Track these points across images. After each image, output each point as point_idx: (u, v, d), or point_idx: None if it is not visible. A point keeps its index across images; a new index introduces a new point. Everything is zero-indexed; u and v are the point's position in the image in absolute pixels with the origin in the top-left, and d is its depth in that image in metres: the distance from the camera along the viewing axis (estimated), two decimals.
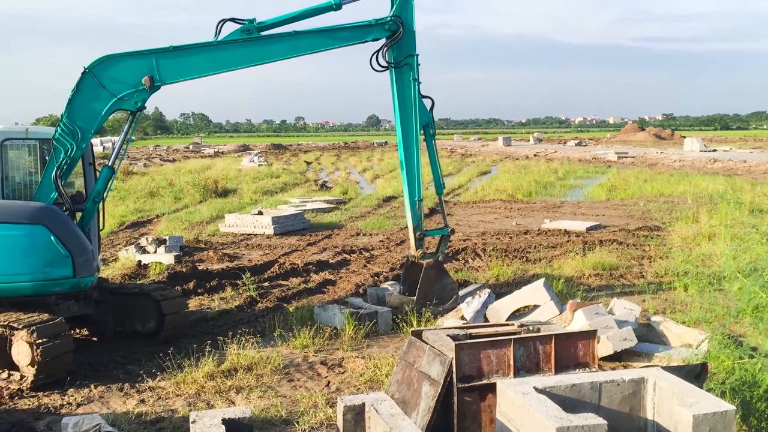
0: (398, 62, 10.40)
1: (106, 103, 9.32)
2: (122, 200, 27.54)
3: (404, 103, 10.64)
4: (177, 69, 9.63)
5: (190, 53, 9.69)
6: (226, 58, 9.90)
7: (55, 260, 8.74)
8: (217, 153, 72.86)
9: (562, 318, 9.28)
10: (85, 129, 9.28)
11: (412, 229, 11.00)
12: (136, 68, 9.40)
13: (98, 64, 9.28)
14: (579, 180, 36.22)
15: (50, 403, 7.81)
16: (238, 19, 9.82)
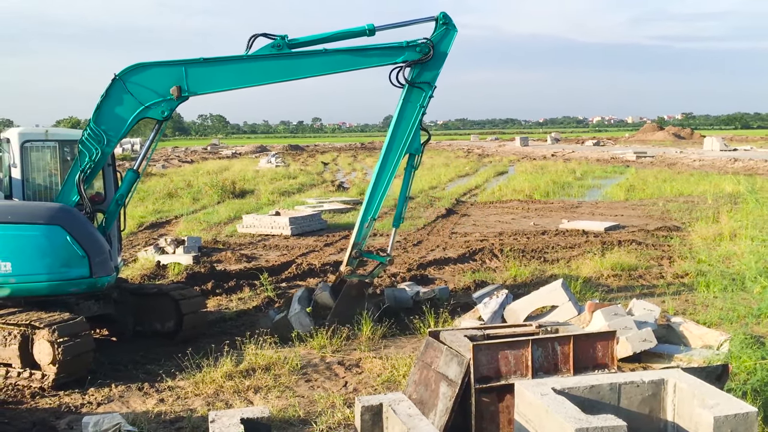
0: (415, 82, 10.17)
1: (133, 110, 9.40)
2: (141, 201, 27.75)
3: (403, 124, 10.41)
4: (207, 80, 9.63)
5: (220, 65, 9.68)
6: (257, 72, 9.84)
7: (71, 260, 8.85)
8: (235, 154, 73.22)
9: (580, 319, 9.22)
10: (112, 135, 9.40)
11: (351, 245, 10.63)
12: (166, 77, 9.42)
13: (128, 72, 9.35)
14: (597, 180, 35.98)
15: (71, 402, 7.89)
16: (270, 34, 9.81)
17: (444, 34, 10.19)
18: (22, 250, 8.70)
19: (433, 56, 10.08)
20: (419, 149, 10.69)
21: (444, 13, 10.17)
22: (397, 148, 10.47)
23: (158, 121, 9.72)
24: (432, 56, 10.07)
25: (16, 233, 8.71)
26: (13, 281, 8.66)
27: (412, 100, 10.30)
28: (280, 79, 9.98)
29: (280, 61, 9.82)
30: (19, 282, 8.70)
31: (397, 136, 10.44)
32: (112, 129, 9.38)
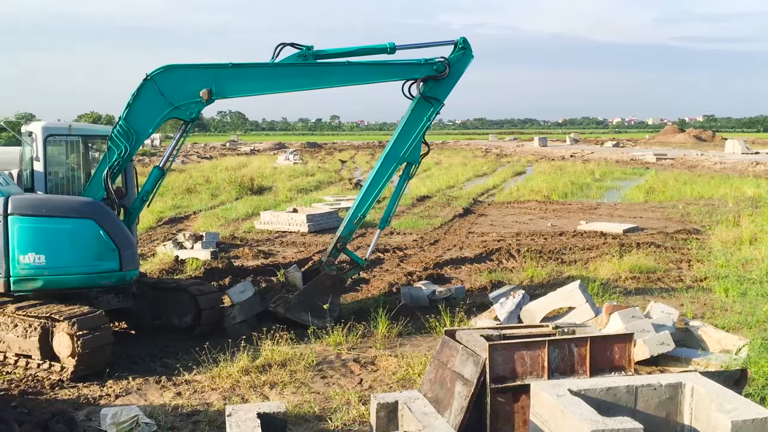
0: (427, 96, 10.60)
1: (163, 110, 9.64)
2: (161, 196, 27.92)
3: (408, 134, 10.81)
4: (235, 85, 9.96)
5: (248, 71, 10.02)
6: (283, 80, 10.26)
7: (103, 254, 9.03)
8: (253, 151, 73.57)
9: (597, 321, 9.18)
10: (140, 132, 9.63)
11: (337, 238, 10.95)
12: (196, 80, 9.71)
13: (160, 73, 9.57)
14: (616, 181, 35.74)
15: (89, 394, 7.99)
16: (296, 44, 10.21)
17: (461, 57, 10.73)
18: (55, 243, 8.84)
19: (448, 75, 10.59)
20: (418, 160, 11.07)
21: (464, 38, 10.71)
22: (396, 155, 10.89)
23: (185, 122, 9.95)
24: (447, 75, 10.57)
25: (51, 226, 8.86)
26: (46, 274, 8.79)
27: (420, 113, 10.71)
28: (305, 88, 10.47)
29: (305, 70, 10.25)
30: (52, 274, 8.83)
31: (399, 145, 10.86)
32: (141, 127, 9.62)
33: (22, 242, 8.66)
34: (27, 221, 8.71)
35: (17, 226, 8.66)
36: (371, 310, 10.76)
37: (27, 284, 8.76)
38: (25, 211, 8.73)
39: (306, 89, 10.49)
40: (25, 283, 8.75)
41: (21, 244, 8.65)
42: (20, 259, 8.64)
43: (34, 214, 8.79)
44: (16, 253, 8.63)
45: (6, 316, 8.76)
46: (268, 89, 10.25)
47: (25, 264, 8.67)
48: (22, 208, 8.73)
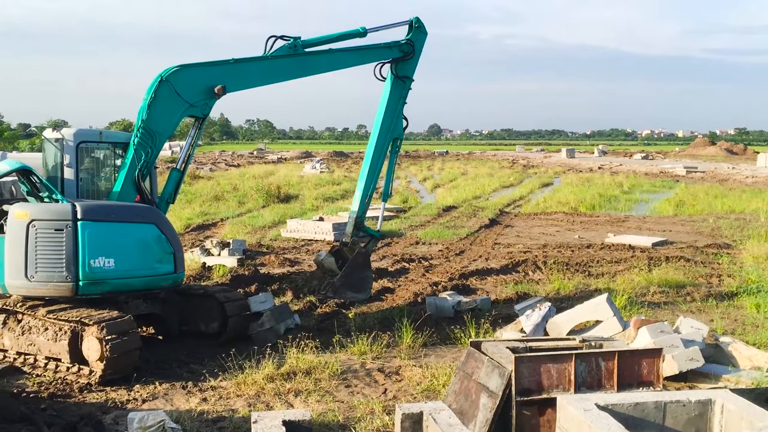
0: (398, 75, 11.83)
1: (180, 109, 9.93)
2: (188, 203, 28.28)
3: (389, 113, 11.96)
4: (239, 79, 10.46)
5: (249, 65, 10.55)
6: (279, 70, 10.89)
7: (162, 257, 9.43)
8: (280, 159, 74.06)
9: (625, 335, 9.07)
10: (161, 133, 9.89)
11: (354, 218, 12.06)
12: (206, 77, 10.09)
13: (173, 73, 9.81)
14: (645, 194, 35.33)
15: (117, 397, 8.08)
16: (285, 36, 10.79)
17: (419, 36, 11.94)
18: (123, 248, 9.11)
19: (413, 54, 11.84)
20: (402, 134, 12.32)
21: (417, 17, 11.91)
22: (384, 133, 12.00)
23: (199, 119, 10.30)
24: (413, 54, 11.82)
25: (119, 231, 9.14)
26: (114, 277, 9.03)
27: (396, 91, 11.93)
28: (297, 76, 11.22)
29: (297, 60, 10.98)
30: (119, 278, 9.08)
31: (386, 123, 11.96)
32: (161, 128, 9.89)
33: (92, 247, 8.83)
34: (97, 226, 8.92)
35: (87, 232, 8.82)
36: (396, 320, 10.75)
37: (95, 288, 8.94)
38: (95, 217, 8.95)
39: (299, 77, 11.19)
40: (93, 287, 8.92)
41: (91, 248, 8.82)
42: (90, 264, 8.81)
43: (104, 219, 9.04)
44: (86, 258, 8.80)
45: (37, 319, 8.92)
46: (266, 80, 10.88)
47: (95, 268, 8.85)
48: (92, 213, 8.95)
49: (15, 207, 9.06)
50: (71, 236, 8.75)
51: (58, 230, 8.75)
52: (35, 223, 8.79)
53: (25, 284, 8.84)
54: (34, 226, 8.78)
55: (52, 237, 8.76)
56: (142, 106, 9.74)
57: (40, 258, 8.75)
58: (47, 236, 8.76)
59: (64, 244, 8.73)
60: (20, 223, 8.83)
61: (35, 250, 8.75)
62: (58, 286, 8.78)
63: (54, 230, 8.76)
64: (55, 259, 8.74)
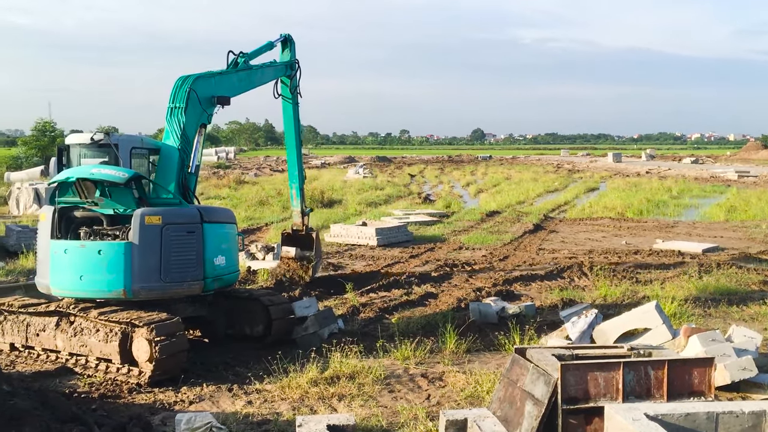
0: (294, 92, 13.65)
1: (200, 116, 10.52)
2: (234, 208, 28.58)
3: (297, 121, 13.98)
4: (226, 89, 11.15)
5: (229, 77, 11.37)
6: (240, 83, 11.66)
7: (237, 254, 10.42)
8: (324, 164, 74.59)
9: (674, 343, 8.87)
10: (192, 139, 10.38)
11: (300, 212, 14.41)
12: (212, 87, 10.77)
13: (195, 81, 10.40)
14: (695, 199, 34.52)
15: (165, 399, 8.22)
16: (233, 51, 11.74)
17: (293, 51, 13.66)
18: (228, 247, 9.98)
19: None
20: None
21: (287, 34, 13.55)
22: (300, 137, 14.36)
23: (205, 126, 10.78)
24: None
25: (224, 232, 10.01)
26: (226, 273, 9.91)
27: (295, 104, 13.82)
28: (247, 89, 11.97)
29: (246, 74, 11.91)
30: (227, 273, 9.97)
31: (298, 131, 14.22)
32: (192, 134, 10.36)
33: (213, 247, 9.60)
34: (216, 228, 9.77)
35: (211, 233, 9.58)
36: (439, 325, 10.72)
37: (214, 284, 9.74)
38: (212, 219, 9.76)
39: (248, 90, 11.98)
40: (214, 283, 9.74)
41: (212, 248, 9.58)
42: (213, 262, 9.59)
43: (216, 221, 9.87)
44: (211, 257, 9.55)
45: (89, 321, 9.14)
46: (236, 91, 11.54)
47: (216, 265, 9.65)
48: (210, 215, 9.80)
49: (144, 212, 9.11)
50: (200, 237, 9.43)
51: (190, 233, 9.39)
52: (169, 227, 9.18)
53: (160, 286, 9.17)
54: (168, 230, 9.16)
55: (184, 239, 9.32)
56: (174, 113, 10.14)
57: (174, 259, 9.20)
58: (180, 238, 9.28)
59: (195, 245, 9.36)
60: (153, 228, 9.10)
61: (170, 252, 9.17)
62: (191, 285, 9.41)
63: (186, 233, 9.36)
64: (188, 260, 9.34)
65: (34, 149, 52.96)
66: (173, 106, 10.18)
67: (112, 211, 9.49)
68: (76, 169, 9.70)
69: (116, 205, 9.42)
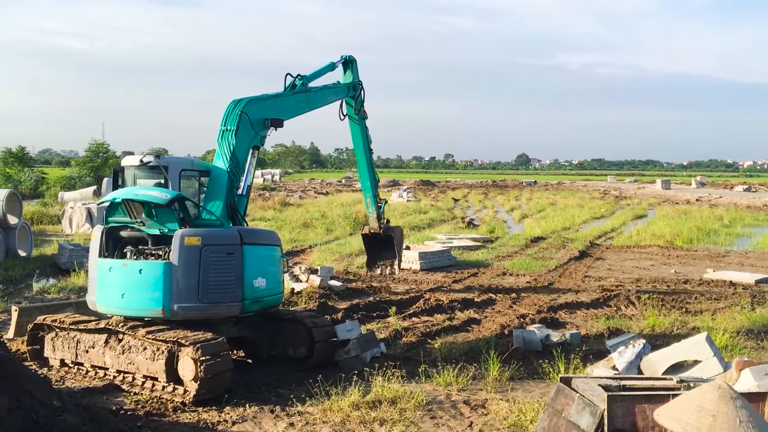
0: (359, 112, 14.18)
1: (252, 139, 10.68)
2: (278, 230, 28.96)
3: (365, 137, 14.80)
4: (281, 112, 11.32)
5: (283, 100, 11.56)
6: (296, 105, 11.90)
7: (281, 277, 10.48)
8: None
9: (726, 376, 8.59)
10: (243, 161, 10.52)
11: (375, 218, 15.74)
12: (265, 110, 10.92)
13: (247, 105, 10.56)
14: (747, 228, 33.60)
15: (208, 418, 8.31)
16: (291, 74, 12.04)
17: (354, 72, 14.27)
18: (269, 269, 10.06)
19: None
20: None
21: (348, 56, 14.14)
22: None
23: (256, 148, 10.88)
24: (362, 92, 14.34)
25: (266, 254, 10.10)
26: (267, 295, 9.96)
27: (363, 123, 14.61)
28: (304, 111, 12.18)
29: (304, 96, 12.15)
30: (268, 295, 10.03)
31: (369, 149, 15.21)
32: (243, 157, 10.50)
33: (253, 268, 9.67)
34: (254, 250, 9.81)
35: (251, 255, 9.68)
36: (482, 352, 10.62)
37: (253, 306, 9.78)
38: (252, 241, 9.84)
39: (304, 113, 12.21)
40: (253, 305, 9.79)
41: (252, 270, 9.66)
42: (252, 284, 9.65)
43: (257, 243, 9.94)
44: (250, 278, 9.61)
45: (137, 339, 9.32)
46: (291, 114, 11.69)
47: (256, 287, 9.71)
48: (250, 237, 9.85)
49: (183, 233, 9.31)
50: (239, 259, 9.50)
51: (229, 254, 9.47)
52: (209, 248, 9.33)
53: (197, 306, 9.30)
54: (207, 251, 9.31)
55: (223, 260, 9.41)
56: (225, 135, 10.30)
57: (212, 280, 9.32)
58: (219, 260, 9.39)
59: (234, 266, 9.44)
60: (193, 248, 9.26)
61: (208, 273, 9.29)
62: (229, 306, 9.48)
63: (225, 254, 9.45)
64: (227, 281, 9.42)
65: (87, 170, 54.61)
66: (225, 128, 10.38)
67: (158, 231, 9.71)
68: (124, 190, 10.02)
69: (161, 225, 9.65)
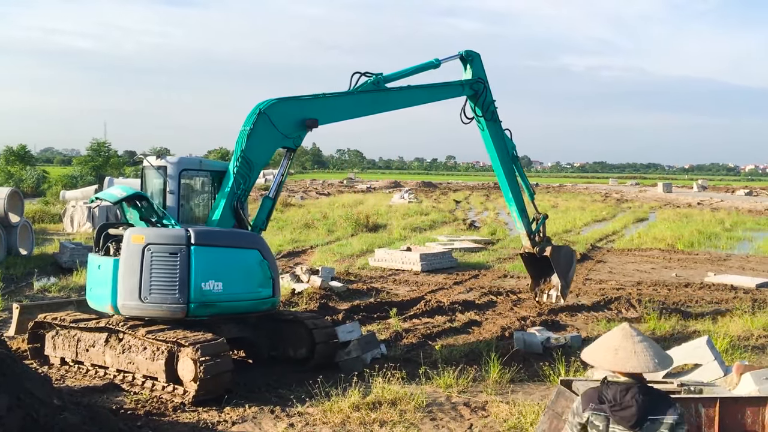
0: (485, 112, 12.69)
1: (275, 140, 10.35)
2: (280, 230, 29.00)
3: (498, 140, 13.02)
4: (329, 113, 10.92)
5: (337, 101, 11.01)
6: (363, 105, 11.39)
7: (263, 281, 9.79)
8: (369, 188, 74.99)
9: (726, 381, 8.57)
10: (258, 163, 10.28)
11: (526, 234, 13.55)
12: (300, 111, 10.53)
13: (271, 106, 10.26)
14: (749, 232, 33.53)
15: (208, 418, 8.30)
16: (368, 72, 11.30)
17: (475, 66, 12.75)
18: (230, 272, 9.52)
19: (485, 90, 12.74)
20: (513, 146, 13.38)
21: (466, 51, 12.64)
22: (504, 159, 13.30)
23: (290, 150, 10.67)
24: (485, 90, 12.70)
25: (227, 256, 9.58)
26: (222, 300, 9.43)
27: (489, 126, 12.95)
28: (379, 111, 11.75)
29: (378, 96, 11.48)
30: (226, 300, 9.47)
31: (499, 152, 13.24)
32: (258, 158, 10.27)
33: (203, 270, 9.26)
34: (207, 251, 9.36)
35: (199, 256, 9.27)
36: (483, 354, 10.61)
37: (204, 310, 9.36)
38: (206, 242, 9.39)
39: (380, 112, 11.76)
40: (202, 309, 9.34)
41: (202, 272, 9.25)
42: (201, 287, 9.24)
43: (213, 244, 9.46)
44: (198, 281, 9.23)
45: (137, 338, 9.32)
46: (352, 115, 11.33)
47: (206, 291, 9.27)
48: (203, 238, 9.40)
49: (131, 231, 9.48)
50: (185, 260, 9.17)
51: (172, 254, 9.20)
52: (151, 247, 9.25)
53: (138, 305, 9.28)
54: (149, 250, 9.24)
55: (166, 260, 9.20)
56: (240, 135, 10.15)
57: (154, 280, 9.19)
58: (162, 259, 9.21)
59: (178, 267, 9.15)
60: (136, 247, 9.29)
61: (150, 272, 9.20)
62: (171, 307, 9.21)
63: (169, 254, 9.21)
64: (169, 282, 9.17)
65: (88, 168, 54.67)
66: (243, 129, 10.21)
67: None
68: (106, 190, 10.32)
69: (136, 223, 9.86)
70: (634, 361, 4.01)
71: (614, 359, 4.07)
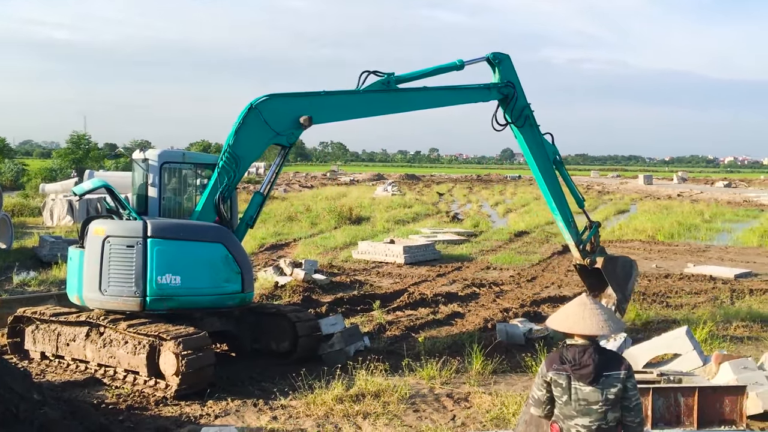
0: (518, 118, 11.35)
1: (266, 137, 10.09)
2: (263, 223, 28.85)
3: (535, 147, 11.65)
4: (327, 111, 10.52)
5: (339, 99, 10.56)
6: (369, 105, 10.83)
7: (229, 276, 9.61)
8: (353, 181, 74.89)
9: (705, 370, 8.69)
10: (245, 158, 10.07)
11: (575, 245, 11.96)
12: (295, 108, 10.18)
13: (263, 102, 9.98)
14: (728, 223, 33.92)
15: (191, 412, 8.27)
16: (378, 72, 10.69)
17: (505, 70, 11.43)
18: (190, 266, 9.38)
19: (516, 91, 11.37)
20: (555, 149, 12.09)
21: (493, 54, 11.37)
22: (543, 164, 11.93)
23: (284, 147, 10.37)
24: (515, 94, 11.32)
25: (186, 249, 9.42)
26: (181, 294, 9.33)
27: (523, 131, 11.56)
28: (387, 112, 11.17)
29: (388, 97, 10.83)
30: (186, 295, 9.36)
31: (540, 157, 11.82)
32: (246, 153, 10.05)
33: (160, 264, 9.17)
34: (165, 244, 9.26)
35: (156, 249, 9.19)
36: (466, 345, 10.67)
37: (162, 304, 9.27)
38: (164, 235, 9.28)
39: (389, 113, 11.20)
40: (160, 303, 9.25)
41: (159, 265, 9.16)
42: (158, 280, 9.16)
43: (172, 237, 9.34)
44: (154, 274, 9.15)
45: (118, 332, 9.26)
46: (356, 114, 10.85)
47: (162, 284, 9.18)
48: (161, 231, 9.29)
49: (94, 223, 9.60)
50: (141, 253, 9.12)
51: (129, 246, 9.17)
52: (110, 239, 9.26)
53: (98, 297, 9.34)
54: (109, 242, 9.26)
55: (124, 253, 9.19)
56: (231, 130, 10.04)
57: (113, 272, 9.22)
58: (120, 252, 9.21)
59: (134, 260, 9.13)
60: (98, 239, 9.36)
61: (109, 265, 9.23)
62: (127, 300, 9.20)
63: (126, 246, 9.19)
64: (125, 274, 9.17)
65: (68, 161, 54.09)
66: (234, 124, 10.04)
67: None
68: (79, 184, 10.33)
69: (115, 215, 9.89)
70: (582, 324, 4.48)
71: (566, 322, 4.57)
